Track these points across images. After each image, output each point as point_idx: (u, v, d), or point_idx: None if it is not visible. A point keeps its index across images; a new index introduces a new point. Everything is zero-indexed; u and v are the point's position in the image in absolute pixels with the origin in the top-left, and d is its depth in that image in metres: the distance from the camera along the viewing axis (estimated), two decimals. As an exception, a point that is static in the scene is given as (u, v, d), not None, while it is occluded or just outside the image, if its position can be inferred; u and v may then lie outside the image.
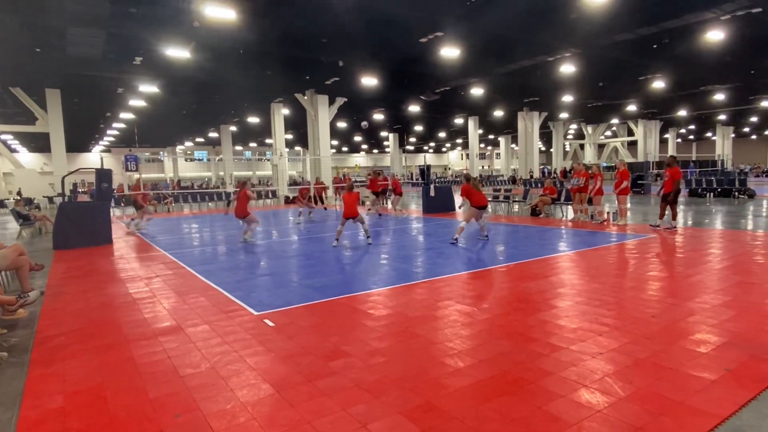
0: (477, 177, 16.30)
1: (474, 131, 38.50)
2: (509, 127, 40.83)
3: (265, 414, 2.90)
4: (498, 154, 62.90)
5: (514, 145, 49.70)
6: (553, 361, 3.52)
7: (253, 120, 33.26)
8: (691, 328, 4.14)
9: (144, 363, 3.77)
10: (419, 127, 44.82)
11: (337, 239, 9.42)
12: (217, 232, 13.17)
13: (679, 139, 57.35)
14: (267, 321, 4.72)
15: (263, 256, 8.93)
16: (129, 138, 41.01)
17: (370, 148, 66.85)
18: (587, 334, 4.07)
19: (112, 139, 44.65)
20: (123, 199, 23.56)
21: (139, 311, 5.28)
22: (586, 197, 12.41)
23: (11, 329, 4.77)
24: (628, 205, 11.88)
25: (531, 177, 35.01)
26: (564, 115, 38.28)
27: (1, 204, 24.65)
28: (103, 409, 3.04)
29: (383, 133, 49.55)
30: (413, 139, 56.54)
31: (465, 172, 17.59)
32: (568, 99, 28.74)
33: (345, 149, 65.71)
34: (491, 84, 23.94)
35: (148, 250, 10.04)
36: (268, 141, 47.16)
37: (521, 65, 19.80)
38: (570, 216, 13.21)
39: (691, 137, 62.16)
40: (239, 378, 3.42)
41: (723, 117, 41.62)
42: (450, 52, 16.29)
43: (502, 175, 45.52)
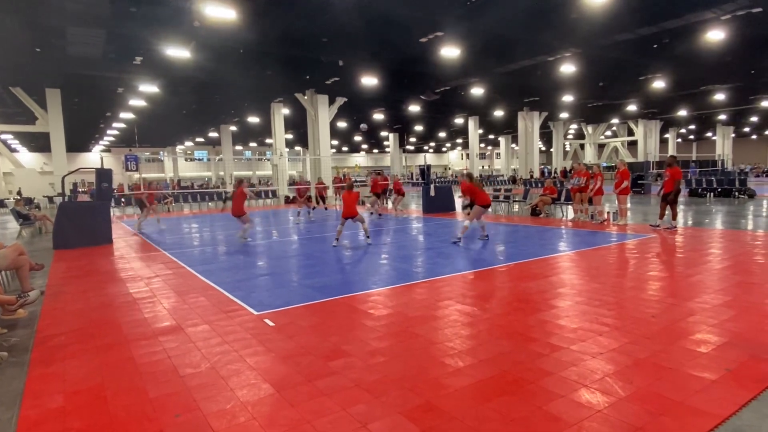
0: (477, 177, 16.25)
1: (474, 131, 38.47)
2: (509, 127, 40.80)
3: (265, 414, 2.90)
4: (498, 154, 62.88)
5: (514, 145, 49.66)
6: (553, 361, 3.52)
7: (253, 120, 33.21)
8: (692, 328, 4.14)
9: (144, 363, 3.77)
10: (419, 127, 44.77)
11: (338, 239, 9.43)
12: (217, 231, 13.18)
13: (680, 139, 57.32)
14: (267, 321, 4.72)
15: (263, 255, 8.93)
16: (129, 138, 41.00)
17: (370, 148, 66.83)
18: (587, 334, 4.07)
19: (112, 139, 44.63)
20: (123, 199, 23.56)
21: (139, 311, 5.28)
22: (586, 197, 12.41)
23: (11, 329, 4.77)
24: (628, 205, 11.88)
25: (531, 177, 34.98)
26: (564, 115, 38.24)
27: (1, 204, 24.68)
28: (103, 409, 3.04)
29: (383, 133, 49.50)
30: (413, 139, 56.49)
31: (466, 171, 17.53)
32: (568, 99, 28.71)
33: (345, 149, 65.68)
34: (491, 84, 23.91)
35: (148, 249, 10.05)
36: (268, 141, 47.14)
37: (521, 65, 19.77)
38: (570, 216, 13.22)
39: (692, 137, 62.14)
40: (239, 378, 3.42)
41: (723, 117, 41.59)
42: (450, 51, 16.27)
43: (502, 175, 45.48)
